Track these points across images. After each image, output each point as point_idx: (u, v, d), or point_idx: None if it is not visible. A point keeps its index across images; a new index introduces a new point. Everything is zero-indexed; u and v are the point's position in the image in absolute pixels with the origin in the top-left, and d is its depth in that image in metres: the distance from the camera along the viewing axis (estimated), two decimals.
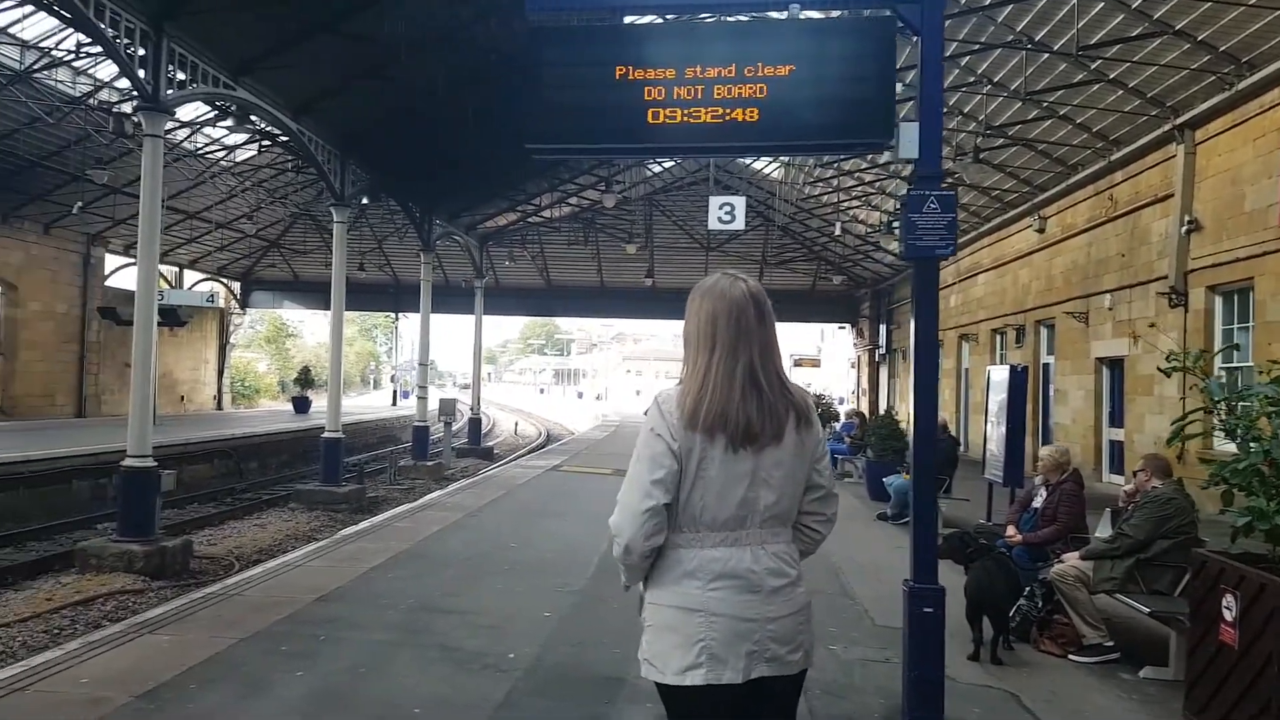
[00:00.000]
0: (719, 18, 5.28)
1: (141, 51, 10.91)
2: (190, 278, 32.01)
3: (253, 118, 16.10)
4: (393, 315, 45.69)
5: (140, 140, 12.06)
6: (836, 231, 23.73)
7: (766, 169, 25.13)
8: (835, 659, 5.57)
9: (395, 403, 44.87)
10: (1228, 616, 4.31)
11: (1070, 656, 5.88)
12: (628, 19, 8.37)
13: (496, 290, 31.48)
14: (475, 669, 5.41)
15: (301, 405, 34.59)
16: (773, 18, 4.71)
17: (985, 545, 6.22)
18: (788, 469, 2.37)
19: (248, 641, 5.81)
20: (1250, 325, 11.83)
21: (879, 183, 21.56)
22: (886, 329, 31.63)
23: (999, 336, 21.11)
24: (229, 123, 18.38)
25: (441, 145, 17.83)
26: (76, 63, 17.09)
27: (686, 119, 4.26)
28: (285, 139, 17.16)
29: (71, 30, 14.56)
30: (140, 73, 10.89)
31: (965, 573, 5.99)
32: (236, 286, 34.70)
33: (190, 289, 31.04)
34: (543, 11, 4.69)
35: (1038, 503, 7.11)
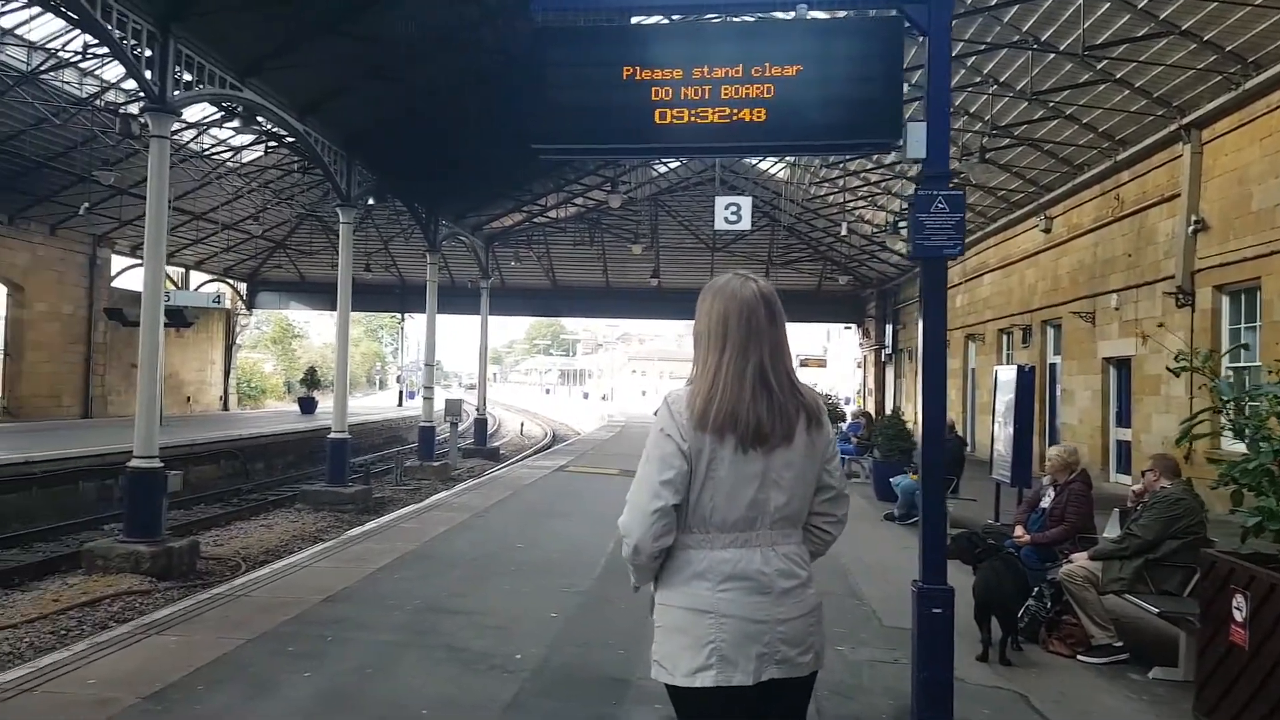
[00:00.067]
0: (726, 18, 5.27)
1: (148, 53, 10.93)
2: (196, 279, 32.09)
3: (259, 119, 16.13)
4: (399, 316, 45.72)
5: (147, 141, 12.08)
6: (842, 232, 23.72)
7: (772, 169, 25.12)
8: (843, 659, 5.56)
9: (401, 403, 44.92)
10: (1238, 617, 4.29)
11: (1079, 657, 5.86)
12: (634, 19, 8.38)
13: (502, 290, 31.47)
14: (482, 670, 5.40)
15: (307, 406, 34.65)
16: (780, 18, 4.70)
17: (993, 545, 6.20)
18: (798, 470, 2.36)
19: (255, 642, 5.82)
20: (1258, 325, 11.79)
21: (885, 183, 21.55)
22: (893, 329, 31.58)
23: (1005, 337, 21.07)
24: (235, 124, 18.39)
25: (447, 146, 17.84)
26: (83, 64, 17.16)
27: (694, 119, 4.24)
28: (291, 140, 17.21)
29: (78, 31, 14.64)
30: (147, 74, 10.90)
31: (973, 573, 5.98)
32: (243, 287, 34.79)
33: (197, 290, 31.11)
34: (548, 11, 4.69)
35: (1046, 503, 7.09)
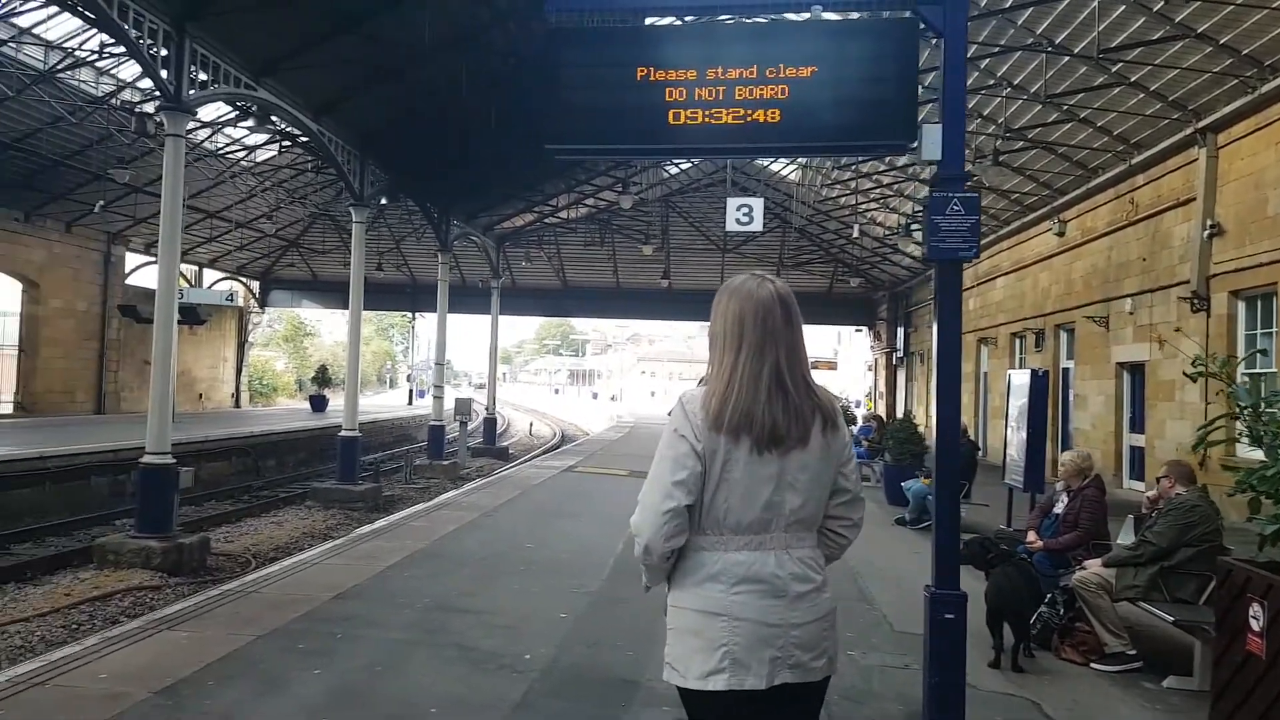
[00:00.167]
0: (740, 19, 5.26)
1: (164, 52, 11.00)
2: (210, 276, 32.23)
3: (273, 118, 16.19)
4: (409, 315, 45.86)
5: (162, 140, 12.15)
6: (854, 234, 23.63)
7: (784, 171, 25.07)
8: (854, 664, 5.54)
9: (411, 402, 45.05)
10: (1255, 626, 4.25)
11: (1092, 665, 5.82)
12: (649, 20, 8.37)
13: (513, 290, 31.54)
14: (491, 669, 5.40)
15: (319, 404, 34.76)
16: (794, 19, 4.68)
17: (1006, 551, 6.16)
18: (813, 472, 2.34)
19: (265, 639, 5.83)
20: (1274, 331, 11.70)
21: (897, 185, 21.48)
22: (904, 332, 31.46)
23: (1018, 340, 20.96)
24: (250, 123, 18.47)
25: (460, 146, 17.88)
26: (99, 63, 17.24)
27: (708, 120, 4.22)
28: (305, 139, 17.28)
29: (95, 31, 14.70)
30: (163, 73, 10.96)
31: (986, 579, 5.94)
32: (255, 285, 34.93)
33: (210, 288, 31.24)
34: (562, 12, 4.68)
35: (1059, 508, 7.03)
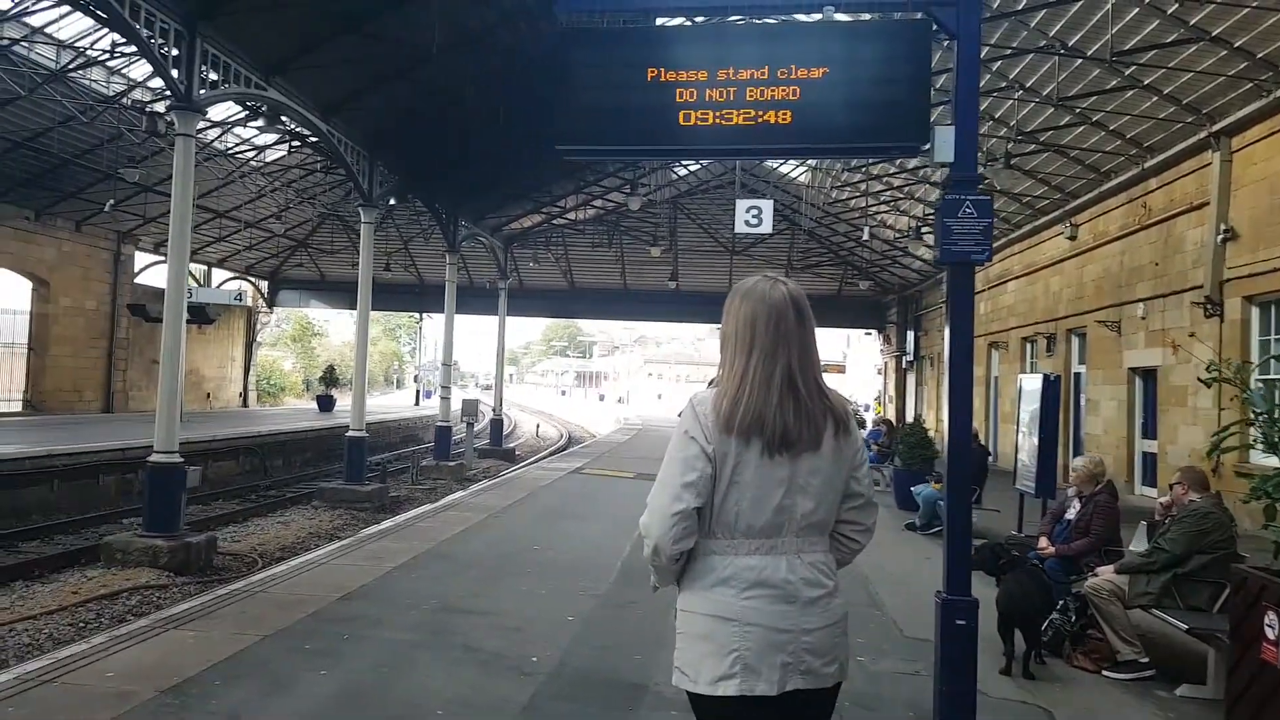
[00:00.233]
0: (751, 20, 5.22)
1: (175, 51, 11.01)
2: (218, 276, 32.31)
3: (283, 118, 16.23)
4: (417, 315, 45.92)
5: (172, 139, 12.17)
6: (864, 236, 23.57)
7: (793, 173, 25.04)
8: (864, 670, 5.50)
9: (418, 402, 45.12)
10: (1269, 634, 4.19)
11: (1104, 672, 5.76)
12: (659, 20, 8.33)
13: (520, 291, 31.53)
14: (498, 671, 5.38)
15: (326, 404, 34.84)
16: (806, 20, 4.66)
17: (1017, 557, 6.11)
18: (825, 476, 2.32)
19: (272, 639, 5.82)
20: None
21: (907, 188, 21.41)
22: (914, 335, 31.33)
23: (1029, 345, 20.86)
24: (259, 123, 18.51)
25: (468, 146, 17.89)
26: (110, 62, 17.29)
27: (719, 121, 4.20)
28: (314, 139, 17.29)
29: (106, 30, 14.74)
30: (174, 72, 10.98)
31: (997, 585, 5.90)
32: (264, 285, 35.00)
33: (219, 287, 31.34)
34: (572, 13, 4.66)
35: (1071, 514, 6.98)
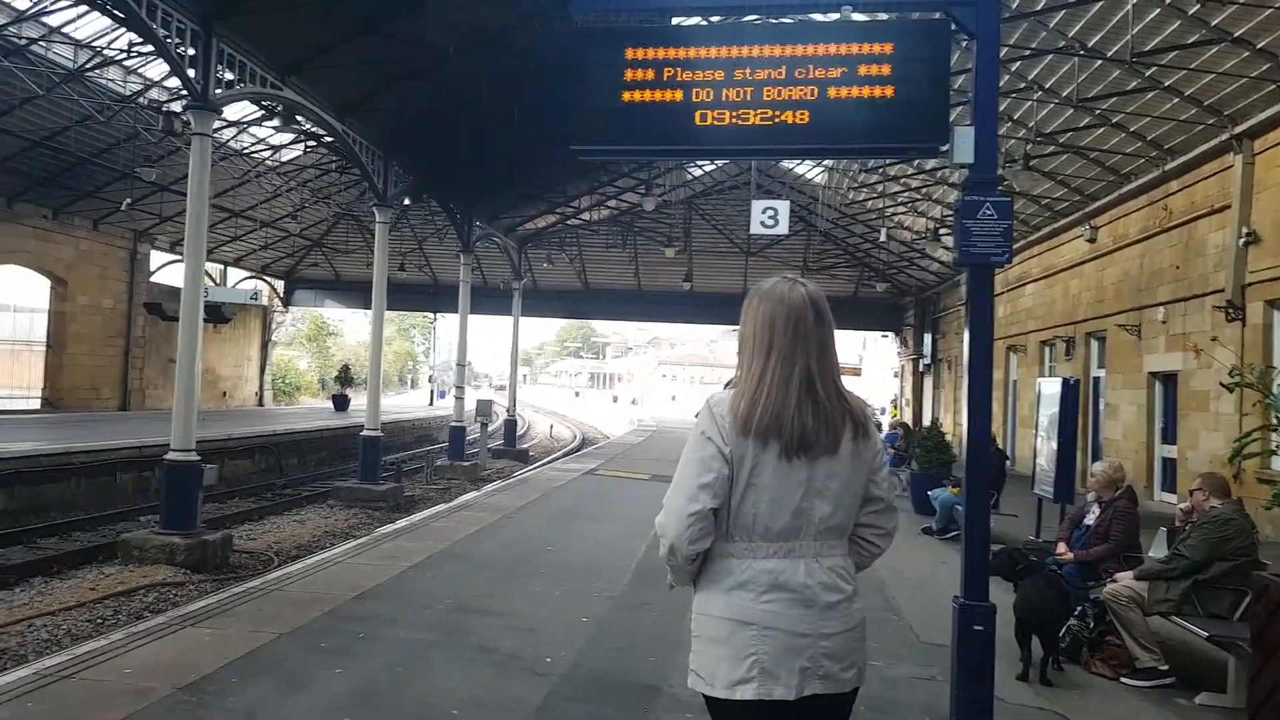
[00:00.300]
0: (768, 19, 5.20)
1: (191, 51, 11.07)
2: (234, 275, 32.50)
3: (298, 118, 16.30)
4: (431, 315, 46.08)
5: (188, 139, 12.25)
6: (881, 238, 23.46)
7: (809, 174, 24.95)
8: (879, 675, 5.46)
9: (432, 402, 45.31)
10: None
11: (1122, 679, 5.70)
12: (675, 20, 8.33)
13: (534, 292, 31.56)
14: (512, 671, 5.37)
15: (341, 403, 34.99)
16: (824, 20, 4.63)
17: (1035, 562, 6.06)
18: (843, 480, 2.30)
19: (288, 637, 5.83)
20: None
21: (925, 189, 21.29)
22: (931, 338, 31.12)
23: (1048, 348, 20.71)
24: (275, 122, 18.60)
25: (483, 147, 17.93)
26: (127, 62, 17.41)
27: (735, 121, 4.17)
28: (330, 139, 17.36)
29: (123, 30, 14.84)
30: (190, 72, 11.04)
31: (1014, 590, 5.85)
32: (280, 285, 35.17)
33: (234, 286, 31.53)
34: (587, 12, 4.65)
35: (1090, 520, 6.91)
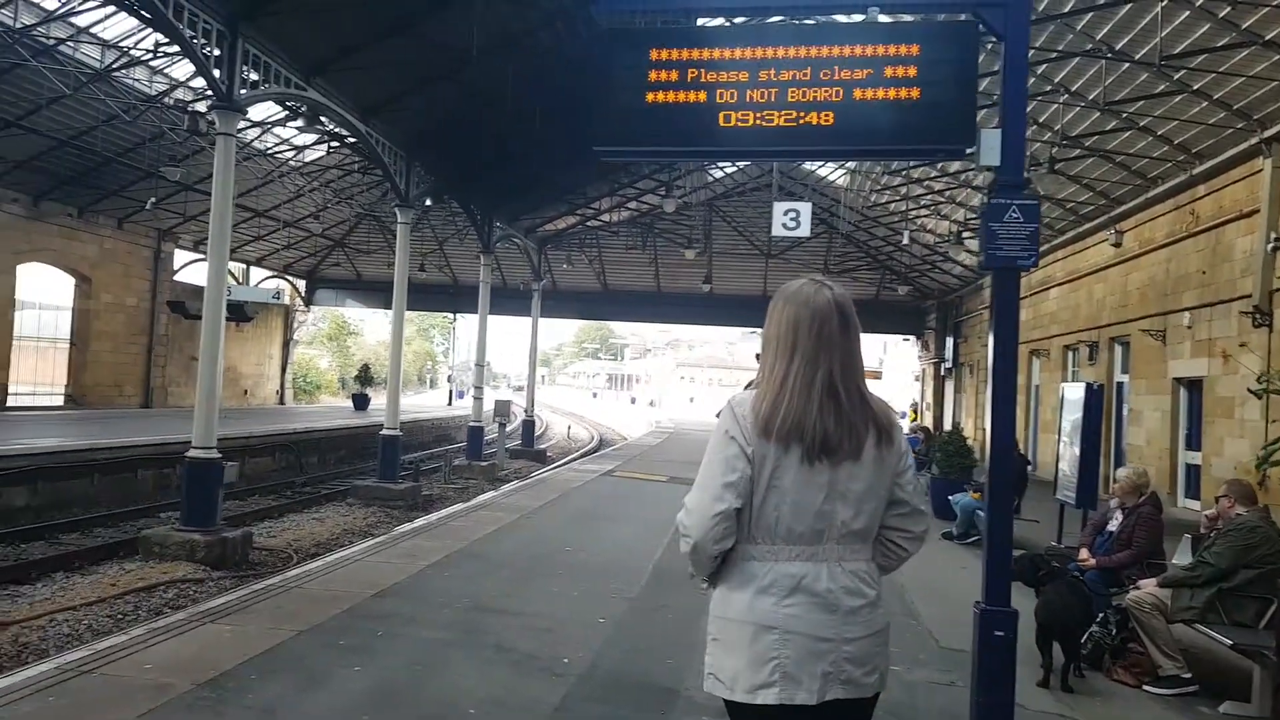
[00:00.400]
0: (793, 20, 5.18)
1: (217, 52, 11.16)
2: (257, 275, 32.73)
3: (322, 119, 16.38)
4: (451, 316, 46.21)
5: (213, 139, 12.34)
6: (904, 241, 23.34)
7: (832, 176, 24.87)
8: (899, 680, 5.41)
9: (451, 402, 45.46)
10: None
11: (1145, 687, 5.65)
12: (699, 21, 8.32)
13: (553, 293, 31.63)
14: (530, 671, 5.37)
15: (361, 402, 35.17)
16: (851, 20, 4.60)
17: (1057, 568, 6.01)
18: (866, 484, 2.29)
19: (307, 634, 5.86)
20: None
21: (949, 192, 21.17)
22: (953, 342, 30.90)
23: (1071, 353, 20.54)
24: (299, 123, 18.72)
25: (505, 148, 17.97)
26: (153, 62, 17.57)
27: (759, 122, 4.15)
28: (353, 140, 17.46)
29: (150, 30, 14.99)
30: (215, 72, 11.13)
31: (1036, 596, 5.80)
32: (301, 284, 35.41)
33: (257, 286, 31.73)
34: (611, 13, 4.65)
35: (1113, 526, 6.84)
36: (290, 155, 23.24)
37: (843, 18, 4.64)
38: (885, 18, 4.38)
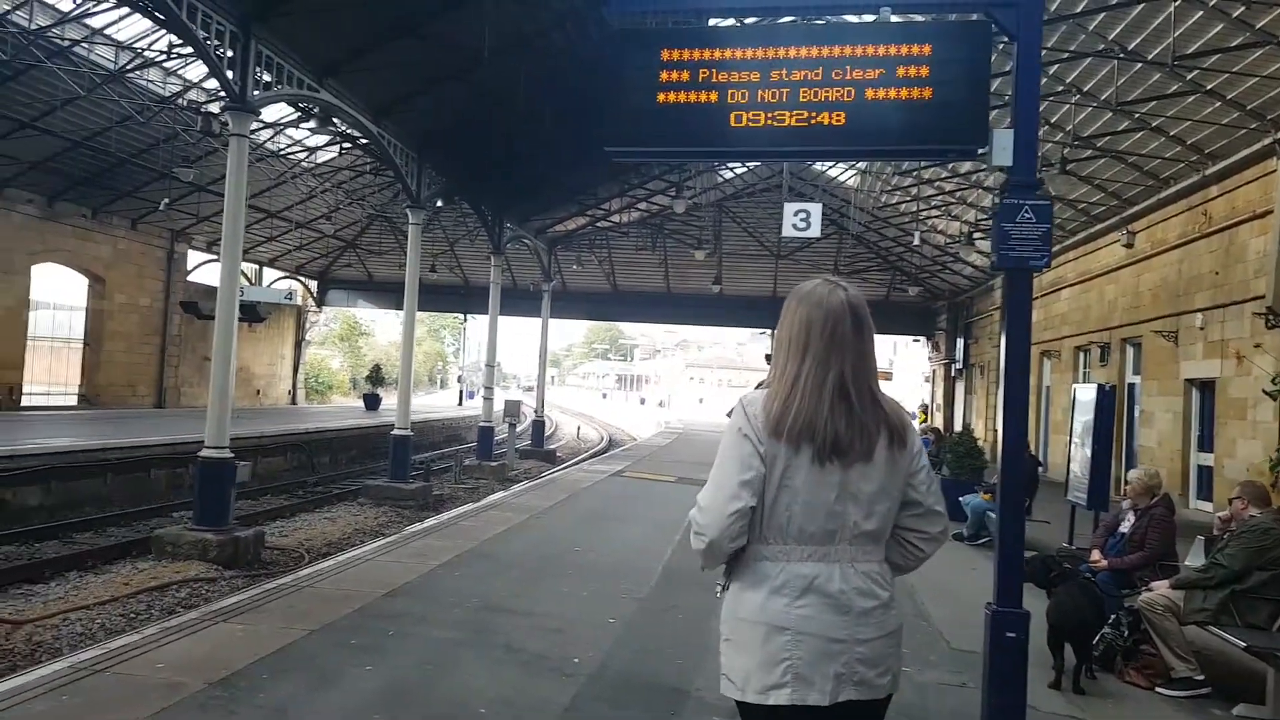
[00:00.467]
0: (804, 20, 5.18)
1: (230, 53, 11.21)
2: (269, 275, 32.88)
3: (334, 120, 16.45)
4: (461, 316, 46.30)
5: (226, 140, 12.39)
6: (914, 241, 23.27)
7: (842, 176, 24.82)
8: (910, 682, 5.40)
9: (461, 403, 45.54)
10: None
11: (1158, 689, 5.63)
12: (710, 21, 8.30)
13: (563, 294, 31.66)
14: (540, 671, 5.38)
15: (372, 402, 35.29)
16: (862, 21, 4.60)
17: (1069, 570, 5.99)
18: (879, 485, 2.28)
19: (318, 634, 5.87)
20: None
21: (960, 192, 21.10)
22: (964, 343, 30.79)
23: (1082, 354, 20.45)
24: (311, 124, 18.80)
25: (515, 149, 18.00)
26: (167, 63, 17.67)
27: (771, 123, 4.15)
28: (365, 141, 17.52)
29: (163, 32, 15.08)
30: (228, 74, 11.17)
31: (1047, 597, 5.78)
32: (313, 285, 35.54)
33: (269, 286, 31.89)
34: (622, 14, 4.65)
35: (1125, 527, 6.82)
36: (302, 156, 23.33)
37: (853, 18, 4.64)
38: (897, 18, 4.38)
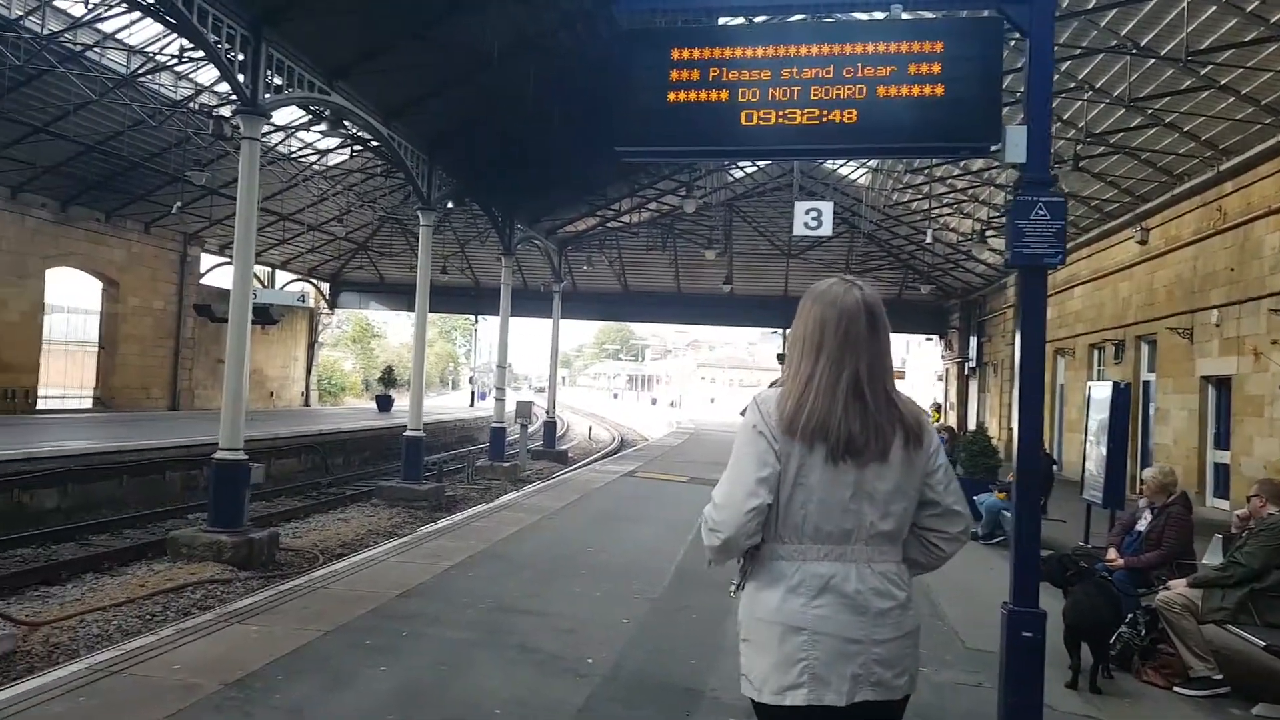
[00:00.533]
0: (815, 18, 5.16)
1: (241, 56, 11.25)
2: (282, 278, 33.03)
3: (345, 122, 16.48)
4: (472, 317, 46.38)
5: (238, 143, 12.45)
6: (927, 240, 23.18)
7: (853, 175, 24.75)
8: (926, 681, 5.37)
9: (473, 404, 45.64)
10: None
11: (1175, 688, 5.58)
12: (720, 20, 8.30)
13: (574, 294, 31.65)
14: (554, 672, 5.38)
15: (384, 404, 35.38)
16: (873, 18, 4.58)
17: (1085, 569, 5.94)
18: (894, 485, 2.26)
19: (333, 635, 5.89)
20: None
21: (971, 190, 21.01)
22: (977, 341, 30.65)
23: (1097, 352, 20.34)
24: (322, 127, 18.84)
25: (526, 150, 18.01)
26: (179, 67, 17.77)
27: (782, 121, 4.14)
28: (376, 144, 17.56)
29: (175, 36, 15.16)
30: (240, 77, 11.22)
31: (1064, 596, 5.75)
32: (326, 287, 35.69)
33: (282, 289, 32.02)
34: (632, 13, 4.64)
35: (1141, 525, 6.77)
36: (314, 159, 23.40)
37: (864, 15, 4.62)
38: (908, 15, 4.36)
